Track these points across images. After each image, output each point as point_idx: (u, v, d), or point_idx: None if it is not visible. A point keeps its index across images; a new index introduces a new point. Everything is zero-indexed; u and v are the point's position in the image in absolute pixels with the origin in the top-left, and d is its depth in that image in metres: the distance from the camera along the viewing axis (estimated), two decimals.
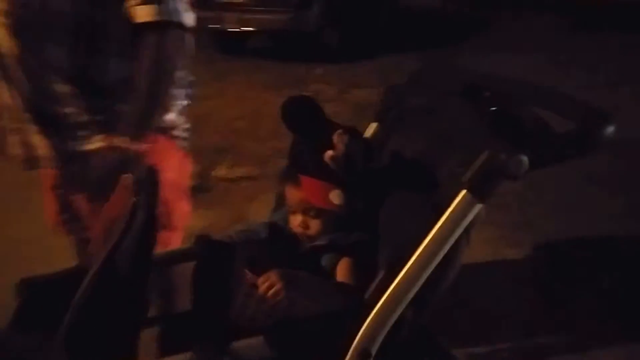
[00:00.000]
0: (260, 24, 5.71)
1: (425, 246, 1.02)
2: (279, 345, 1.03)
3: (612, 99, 3.57)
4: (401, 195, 1.18)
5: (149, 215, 1.05)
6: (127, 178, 1.35)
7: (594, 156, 0.97)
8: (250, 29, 5.74)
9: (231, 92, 5.15)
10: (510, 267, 2.47)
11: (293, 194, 1.25)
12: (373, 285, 1.06)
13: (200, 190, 3.29)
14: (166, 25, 1.33)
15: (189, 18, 1.39)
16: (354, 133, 1.21)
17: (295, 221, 1.25)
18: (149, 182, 1.14)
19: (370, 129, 1.42)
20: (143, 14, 1.32)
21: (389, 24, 6.82)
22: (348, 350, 1.07)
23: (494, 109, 1.05)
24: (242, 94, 5.08)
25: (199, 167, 3.52)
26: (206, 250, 1.27)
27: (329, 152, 1.17)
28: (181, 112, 1.57)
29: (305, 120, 1.21)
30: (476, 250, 1.22)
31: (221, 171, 3.49)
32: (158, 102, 1.40)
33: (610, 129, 0.96)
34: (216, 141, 4.10)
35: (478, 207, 1.00)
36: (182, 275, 1.60)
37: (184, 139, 1.60)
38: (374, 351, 1.06)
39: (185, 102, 1.58)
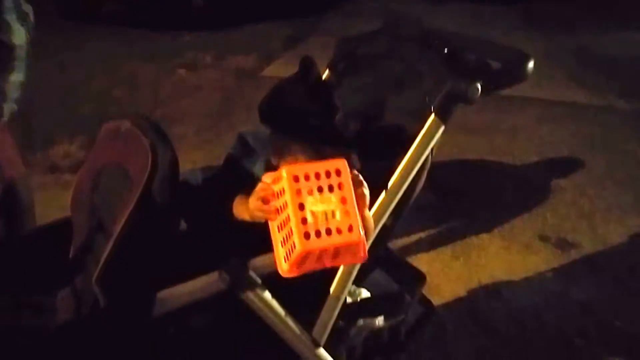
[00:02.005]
0: None
1: (404, 163, 1.33)
2: None
3: None
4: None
5: (172, 149, 1.21)
6: (109, 127, 1.47)
7: None
8: None
9: (95, 61, 5.00)
10: None
11: (301, 158, 1.24)
12: None
13: None
14: None
15: None
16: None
17: None
18: (150, 124, 1.30)
19: (323, 76, 1.69)
20: None
21: None
22: None
23: (446, 52, 1.37)
24: (109, 63, 4.96)
25: (82, 139, 3.49)
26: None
27: (338, 116, 1.25)
28: None
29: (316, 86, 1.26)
30: None
31: None
32: None
33: (531, 64, 1.34)
34: (94, 111, 4.03)
35: (442, 128, 1.33)
36: None
37: None
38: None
39: None
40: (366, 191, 1.14)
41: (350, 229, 1.06)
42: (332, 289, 1.35)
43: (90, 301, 1.28)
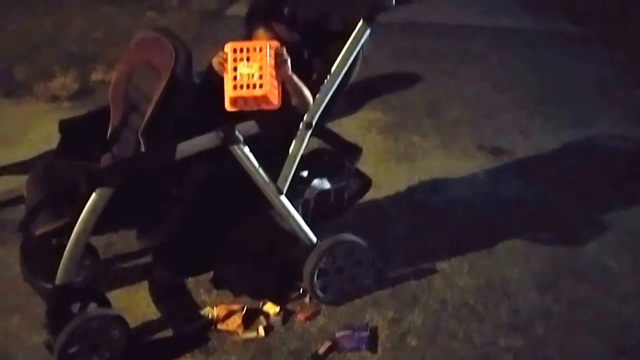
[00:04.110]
0: None
1: (340, 58, 2.00)
2: None
3: None
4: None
5: (187, 47, 1.91)
6: (138, 37, 2.10)
7: None
8: None
9: (72, 8, 5.47)
10: None
11: (264, 37, 2.02)
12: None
13: (84, 93, 3.91)
14: None
15: None
16: None
17: None
18: (168, 32, 1.95)
19: None
20: None
21: None
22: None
23: None
24: (85, 9, 5.45)
25: (75, 73, 4.09)
26: None
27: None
28: None
29: None
30: None
31: (98, 75, 4.08)
32: None
33: None
34: (79, 50, 4.64)
35: (368, 31, 1.99)
36: None
37: None
38: (314, 122, 2.03)
39: None
40: (288, 62, 1.90)
41: (261, 86, 1.80)
42: (290, 150, 2.03)
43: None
